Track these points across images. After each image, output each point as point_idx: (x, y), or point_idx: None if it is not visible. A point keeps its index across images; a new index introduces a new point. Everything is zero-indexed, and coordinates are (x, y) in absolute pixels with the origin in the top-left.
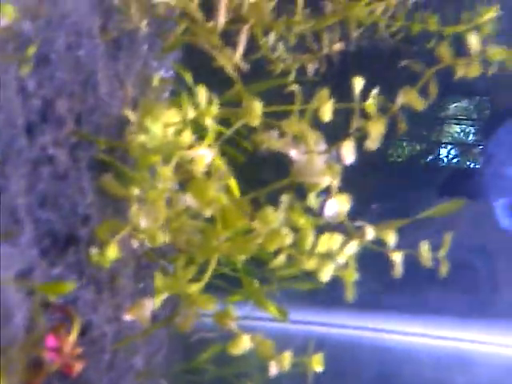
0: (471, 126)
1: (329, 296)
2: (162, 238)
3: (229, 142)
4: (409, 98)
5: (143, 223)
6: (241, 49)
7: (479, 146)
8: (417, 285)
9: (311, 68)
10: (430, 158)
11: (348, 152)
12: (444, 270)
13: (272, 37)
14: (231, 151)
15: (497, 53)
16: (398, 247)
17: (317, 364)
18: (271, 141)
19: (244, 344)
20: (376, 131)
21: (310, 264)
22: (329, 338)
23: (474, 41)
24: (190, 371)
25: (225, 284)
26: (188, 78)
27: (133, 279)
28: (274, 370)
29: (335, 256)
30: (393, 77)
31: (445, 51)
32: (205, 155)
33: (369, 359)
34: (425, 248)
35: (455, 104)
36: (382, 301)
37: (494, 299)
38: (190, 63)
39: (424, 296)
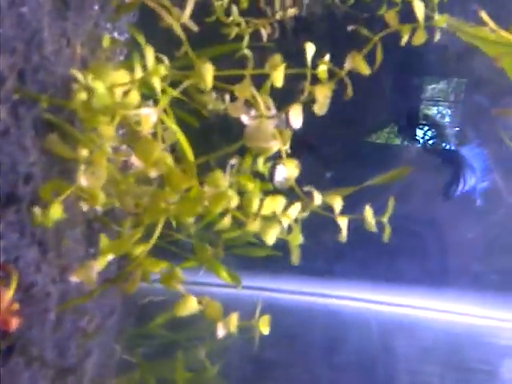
0: (448, 108)
1: (281, 263)
2: (104, 200)
3: (183, 107)
4: (355, 63)
5: (84, 183)
6: (189, 9)
7: (455, 127)
8: (367, 252)
9: (265, 33)
10: (407, 138)
11: (295, 117)
12: (387, 235)
13: (226, 0)
14: (184, 116)
15: (441, 20)
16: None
17: (263, 326)
18: (218, 104)
19: (191, 306)
20: (323, 96)
21: (254, 226)
22: (280, 303)
23: (418, 7)
24: (142, 335)
25: (179, 250)
26: (141, 40)
27: (84, 243)
28: (221, 332)
29: (279, 218)
30: (345, 43)
31: (392, 17)
32: (149, 115)
33: (318, 324)
34: (369, 213)
35: (433, 85)
36: (333, 267)
37: (440, 267)
38: (148, 26)
39: (374, 263)
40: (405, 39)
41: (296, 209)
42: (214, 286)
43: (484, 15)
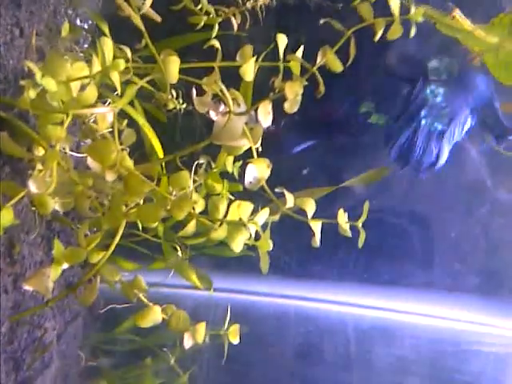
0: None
1: (255, 263)
2: (53, 205)
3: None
4: (327, 57)
5: (33, 189)
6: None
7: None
8: (344, 253)
9: (235, 23)
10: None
11: (265, 114)
12: (362, 239)
13: None
14: (153, 109)
15: (418, 13)
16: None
17: (233, 336)
18: (177, 102)
19: (154, 316)
20: (293, 93)
21: (220, 233)
22: (254, 306)
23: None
24: (109, 341)
25: (149, 251)
26: (105, 28)
27: (42, 246)
28: (188, 342)
29: (246, 225)
30: (319, 35)
31: (365, 9)
32: (105, 114)
33: (293, 328)
34: (342, 217)
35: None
36: (309, 269)
37: (419, 270)
38: (115, 12)
39: (351, 265)
40: (379, 33)
41: (264, 215)
42: (186, 288)
43: (458, 15)
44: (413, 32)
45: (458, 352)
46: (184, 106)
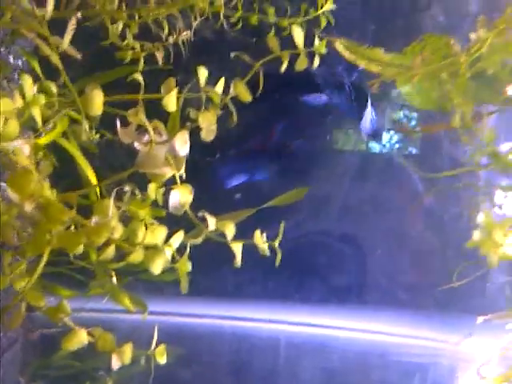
0: (415, 112)
1: (190, 287)
2: None
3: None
4: (238, 89)
5: None
6: (68, 37)
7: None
8: (277, 272)
9: (159, 56)
10: (374, 144)
11: (181, 144)
12: (278, 259)
13: (120, 25)
14: (84, 142)
15: (321, 46)
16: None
17: (160, 356)
18: (91, 135)
19: (80, 339)
20: (208, 123)
21: (138, 256)
22: (189, 327)
23: (297, 33)
24: (48, 366)
25: (87, 278)
26: (35, 65)
27: None
28: (115, 363)
29: (162, 248)
30: (234, 67)
31: (273, 42)
32: (23, 147)
33: (227, 346)
34: (259, 238)
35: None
36: (243, 289)
37: (350, 287)
38: None
39: (285, 283)
40: (284, 65)
41: (178, 238)
42: (123, 312)
43: (340, 47)
44: (316, 63)
45: (386, 363)
46: (97, 136)
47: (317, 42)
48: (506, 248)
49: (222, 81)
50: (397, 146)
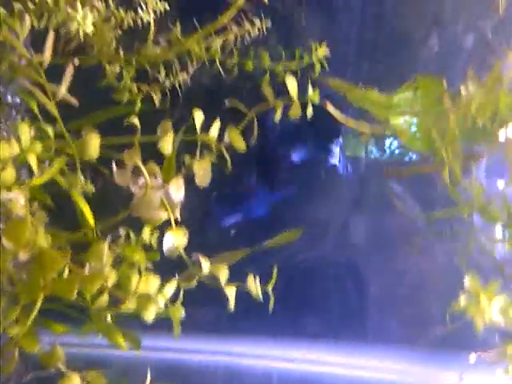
0: (415, 117)
1: (184, 323)
2: None
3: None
4: (232, 136)
5: None
6: (64, 86)
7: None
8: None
9: (156, 99)
10: (375, 151)
11: (176, 190)
12: (271, 304)
13: (117, 67)
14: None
15: (314, 95)
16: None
17: None
18: (87, 185)
19: (73, 383)
20: (202, 170)
21: (132, 305)
22: (183, 363)
23: (290, 82)
24: None
25: (79, 314)
26: (34, 106)
27: None
28: None
29: (155, 297)
30: (231, 113)
31: (267, 91)
32: (17, 198)
33: (220, 383)
34: (252, 283)
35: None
36: (237, 325)
37: (346, 322)
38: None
39: (278, 320)
40: (278, 114)
41: (171, 287)
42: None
43: (329, 108)
44: (309, 112)
45: None
46: (93, 189)
47: (310, 91)
48: (492, 313)
49: (216, 125)
50: (397, 151)
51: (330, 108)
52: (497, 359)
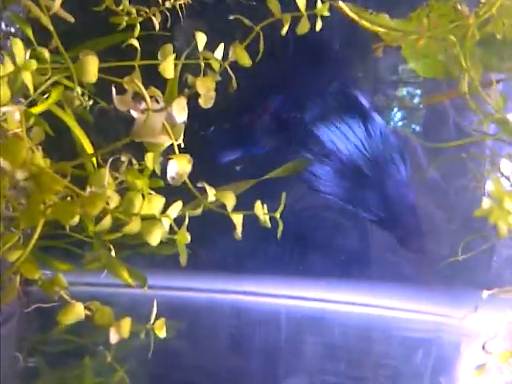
0: (418, 89)
1: (191, 261)
2: None
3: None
4: (237, 54)
5: None
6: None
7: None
8: (278, 247)
9: (156, 22)
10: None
11: (179, 110)
12: (280, 231)
13: None
14: (79, 111)
15: (323, 8)
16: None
17: (159, 330)
18: (85, 100)
19: (77, 313)
20: (206, 89)
21: (135, 227)
22: (190, 301)
23: None
24: (47, 341)
25: (82, 251)
26: (28, 32)
27: None
28: (114, 337)
29: (160, 219)
30: (234, 31)
31: (273, 5)
32: (13, 113)
33: (227, 320)
34: (260, 209)
35: (402, 66)
36: (244, 264)
37: (352, 261)
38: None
39: (286, 258)
40: (285, 28)
41: (176, 208)
42: (123, 286)
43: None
44: (318, 26)
45: (386, 338)
46: (91, 102)
47: (319, 4)
48: None
49: (221, 46)
50: (400, 123)
51: (341, 4)
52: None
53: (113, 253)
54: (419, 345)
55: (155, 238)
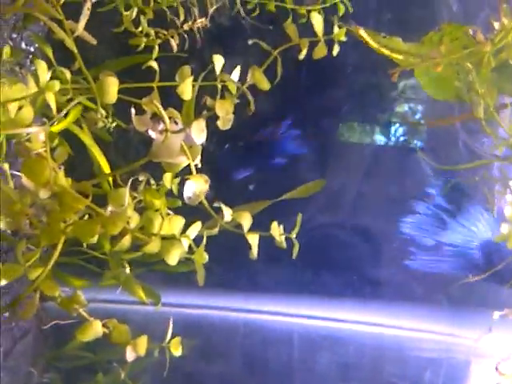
0: (419, 105)
1: (205, 279)
2: None
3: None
4: (255, 77)
5: None
6: (83, 22)
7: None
8: (291, 266)
9: (174, 44)
10: (379, 137)
11: (198, 132)
12: (296, 251)
13: (134, 11)
14: (97, 130)
15: (340, 33)
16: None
17: (175, 348)
18: (108, 121)
19: (95, 330)
20: (224, 111)
21: (155, 247)
22: (204, 319)
23: (316, 20)
24: (61, 358)
25: (98, 268)
26: (48, 52)
27: None
28: (130, 355)
29: (179, 239)
30: (252, 55)
31: (291, 29)
32: (38, 134)
33: (241, 339)
34: (276, 230)
35: (404, 82)
36: (257, 283)
37: (364, 281)
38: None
39: (298, 278)
40: (303, 53)
41: (196, 228)
42: (137, 304)
43: (361, 33)
44: (336, 51)
45: (399, 358)
46: (114, 124)
47: (336, 29)
48: None
49: (237, 68)
50: (402, 138)
51: (362, 32)
52: None
53: (128, 270)
54: (431, 365)
55: (174, 257)
